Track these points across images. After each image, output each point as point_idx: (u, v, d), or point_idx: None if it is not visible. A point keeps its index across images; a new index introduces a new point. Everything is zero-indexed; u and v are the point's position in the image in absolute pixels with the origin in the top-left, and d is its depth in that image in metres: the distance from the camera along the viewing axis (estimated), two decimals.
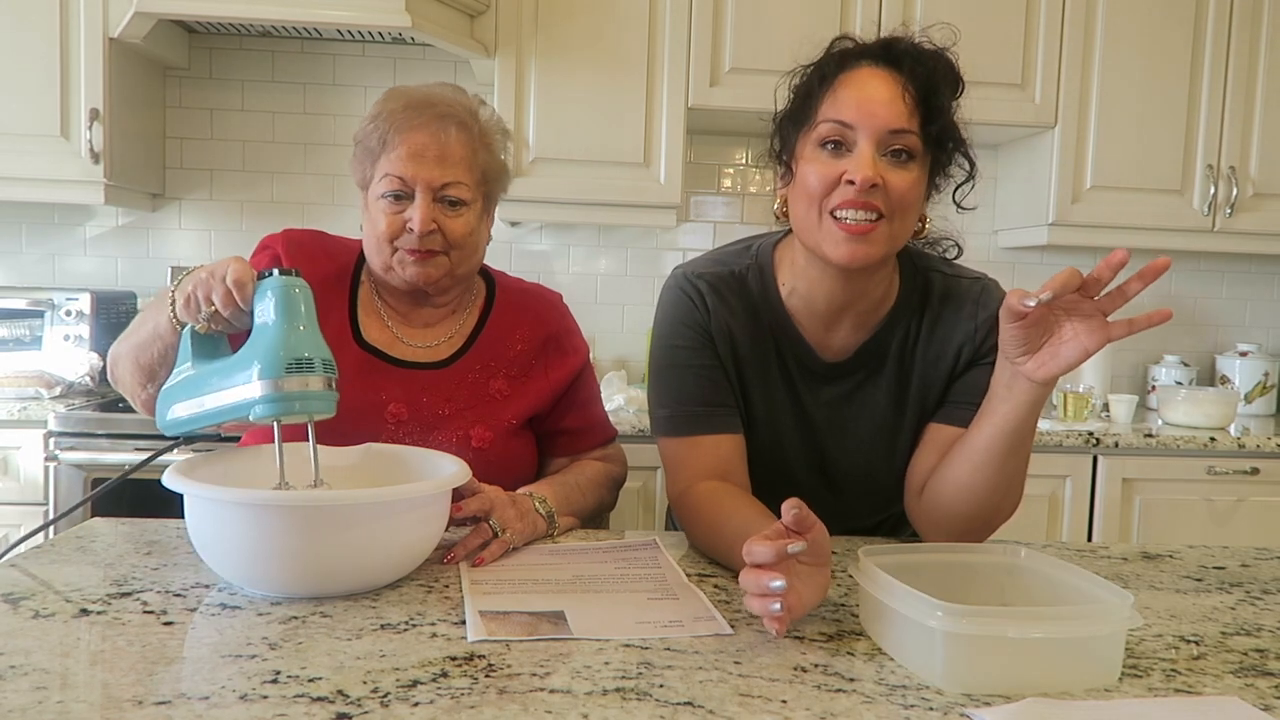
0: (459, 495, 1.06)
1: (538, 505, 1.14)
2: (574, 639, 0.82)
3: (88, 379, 2.43)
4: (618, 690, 0.72)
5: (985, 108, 2.47)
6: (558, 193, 2.52)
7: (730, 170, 2.94)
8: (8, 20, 2.36)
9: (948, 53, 1.08)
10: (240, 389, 0.94)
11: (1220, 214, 2.66)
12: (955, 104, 1.08)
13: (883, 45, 1.07)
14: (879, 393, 1.20)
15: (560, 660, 0.77)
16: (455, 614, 0.88)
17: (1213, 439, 2.42)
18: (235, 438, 1.38)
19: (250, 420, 0.94)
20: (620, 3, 2.49)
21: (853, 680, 0.75)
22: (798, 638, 0.84)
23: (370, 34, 2.59)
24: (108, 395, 2.41)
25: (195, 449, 1.85)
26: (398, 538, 0.92)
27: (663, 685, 0.73)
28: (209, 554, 0.93)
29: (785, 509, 0.82)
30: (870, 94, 1.03)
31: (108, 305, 2.59)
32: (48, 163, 2.39)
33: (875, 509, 1.30)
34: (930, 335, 1.18)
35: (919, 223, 1.12)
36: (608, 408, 1.52)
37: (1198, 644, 0.86)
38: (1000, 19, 2.57)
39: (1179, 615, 0.95)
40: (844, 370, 1.19)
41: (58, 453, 2.15)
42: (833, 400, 1.20)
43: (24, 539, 1.12)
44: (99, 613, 0.85)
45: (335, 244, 1.36)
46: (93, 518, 1.18)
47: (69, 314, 2.49)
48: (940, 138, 1.06)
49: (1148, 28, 2.60)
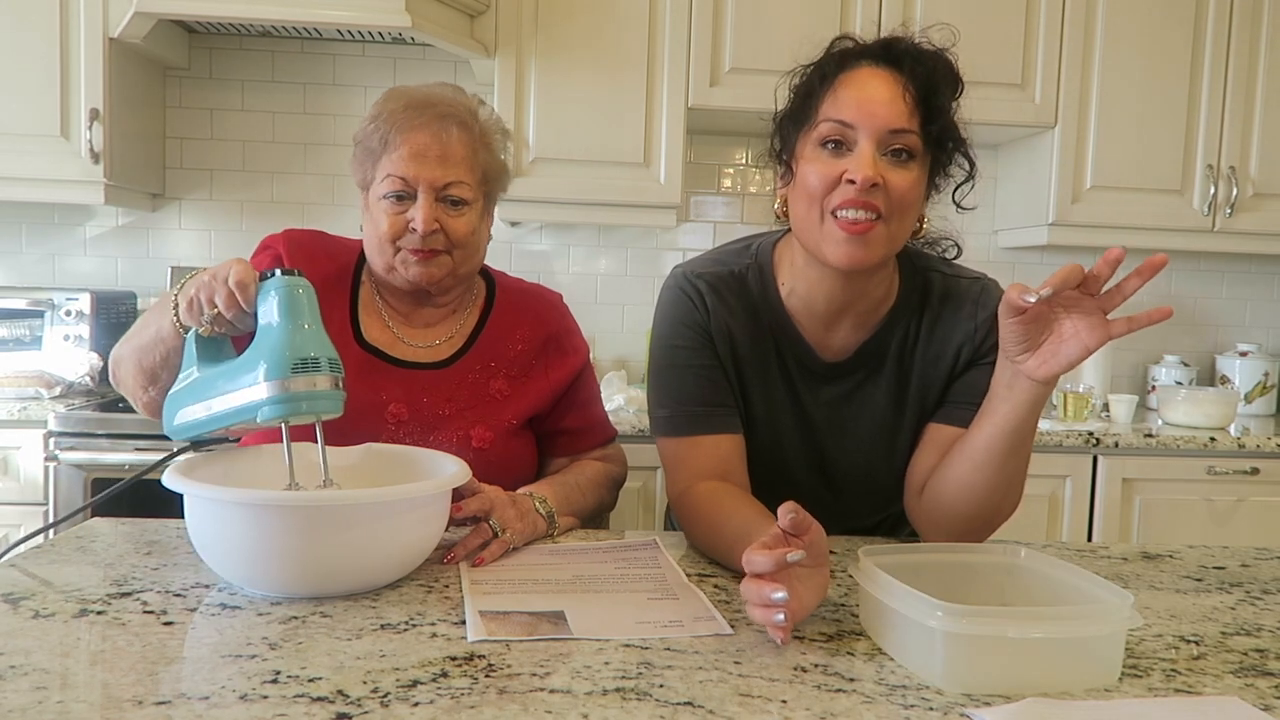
0: (459, 495, 1.06)
1: (538, 505, 1.14)
2: (574, 639, 0.82)
3: (88, 379, 2.43)
4: (618, 690, 0.72)
5: (985, 108, 2.47)
6: (558, 193, 2.52)
7: (730, 170, 2.94)
8: (8, 20, 2.36)
9: (947, 53, 1.08)
10: (247, 391, 0.93)
11: (1220, 214, 2.66)
12: (955, 104, 1.08)
13: (883, 45, 1.07)
14: (878, 393, 1.20)
15: (560, 660, 0.77)
16: (455, 614, 0.88)
17: (1213, 439, 2.42)
18: (238, 440, 1.38)
19: (258, 422, 0.93)
20: (620, 3, 2.49)
21: (853, 680, 0.75)
22: (798, 638, 0.84)
23: (370, 34, 2.59)
24: (108, 395, 2.41)
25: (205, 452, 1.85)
26: (398, 538, 0.92)
27: (663, 685, 0.73)
28: (209, 554, 0.93)
29: (782, 513, 0.82)
30: (871, 94, 1.03)
31: (108, 305, 2.59)
32: (48, 163, 2.39)
33: (874, 509, 1.30)
34: (930, 335, 1.18)
35: (918, 223, 1.12)
36: (608, 408, 1.52)
37: (1198, 644, 0.86)
38: (1000, 19, 2.57)
39: (1179, 615, 0.95)
40: (843, 370, 1.19)
41: (58, 453, 2.15)
42: (832, 400, 1.20)
43: (24, 539, 1.12)
44: (99, 613, 0.85)
45: (336, 244, 1.36)
46: (93, 518, 1.18)
47: (69, 314, 2.49)
48: (940, 138, 1.06)
49: (1148, 28, 2.60)
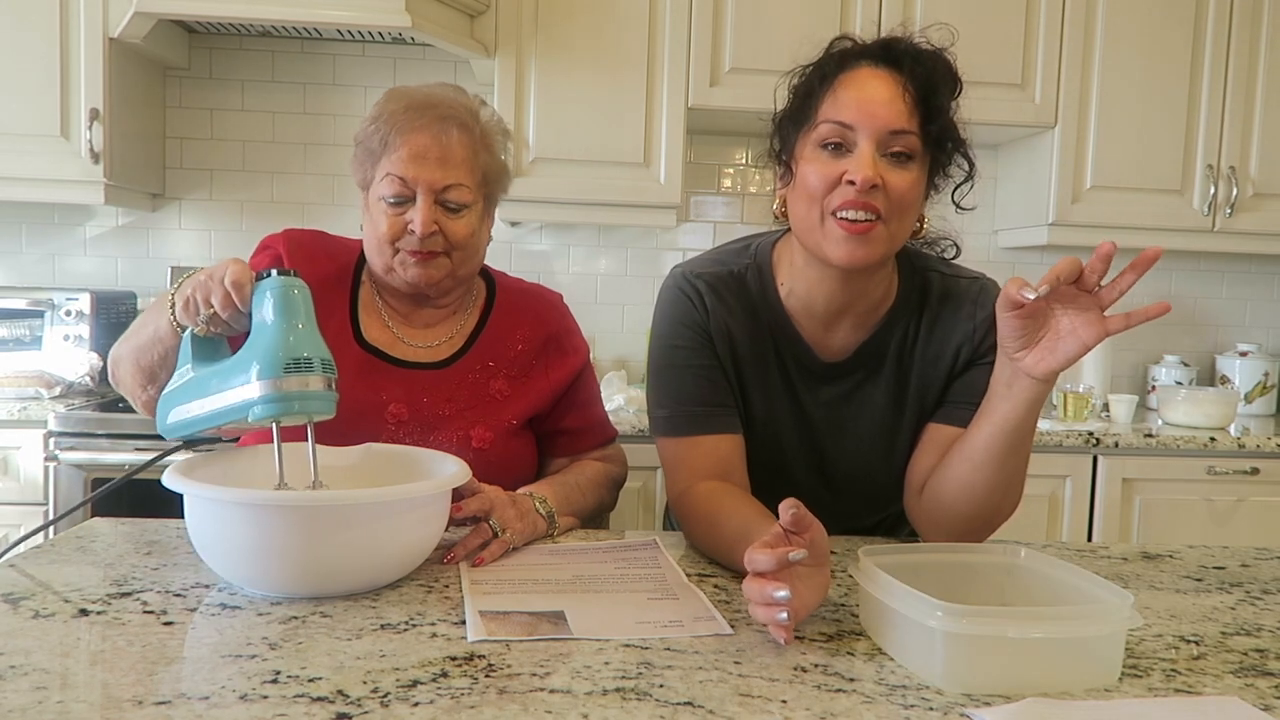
0: (459, 495, 1.06)
1: (538, 505, 1.14)
2: (574, 639, 0.82)
3: (88, 379, 2.43)
4: (618, 690, 0.72)
5: (985, 108, 2.46)
6: (558, 193, 2.52)
7: (730, 170, 2.94)
8: (8, 20, 2.36)
9: (945, 52, 1.08)
10: (239, 390, 0.93)
11: (1220, 214, 2.66)
12: (954, 104, 1.08)
13: (882, 45, 1.07)
14: (877, 393, 1.20)
15: (560, 660, 0.77)
16: (455, 614, 0.88)
17: (1213, 439, 2.42)
18: (236, 440, 1.38)
19: (250, 421, 0.93)
20: (620, 3, 2.49)
21: (853, 680, 0.75)
22: (798, 638, 0.84)
23: (370, 34, 2.59)
24: (108, 395, 2.41)
25: (198, 451, 1.85)
26: (398, 538, 0.92)
27: (663, 685, 0.73)
28: (209, 554, 0.93)
29: (783, 509, 0.82)
30: (870, 94, 1.03)
31: (108, 305, 2.59)
32: (48, 163, 2.39)
33: (873, 509, 1.30)
34: (929, 335, 1.18)
35: (917, 223, 1.12)
36: (608, 408, 1.52)
37: (1198, 644, 0.86)
38: (1000, 19, 2.57)
39: (1179, 615, 0.95)
40: (843, 370, 1.19)
41: (58, 453, 2.15)
42: (831, 400, 1.20)
43: (24, 539, 1.12)
44: (99, 613, 0.85)
45: (336, 244, 1.36)
46: (93, 518, 1.18)
47: (69, 314, 2.49)
48: (940, 138, 1.06)
49: (1148, 28, 2.60)
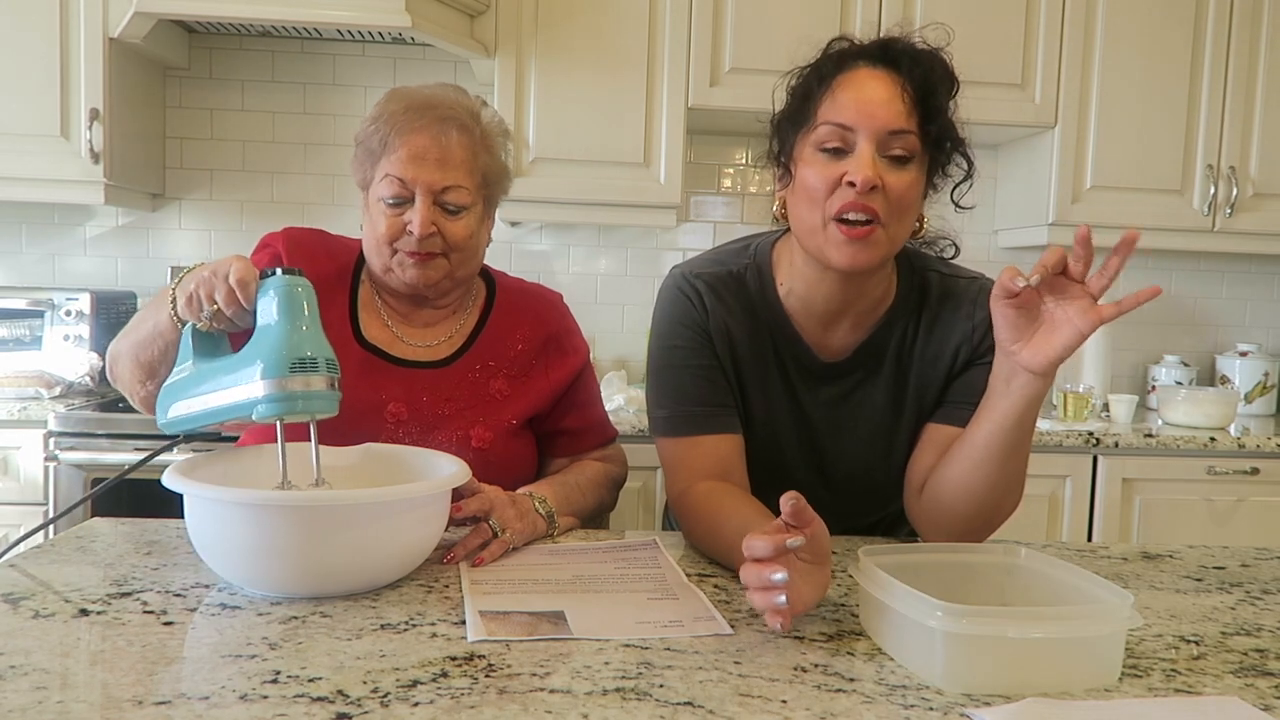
0: (459, 495, 1.06)
1: (538, 505, 1.14)
2: (574, 639, 0.82)
3: (88, 379, 2.43)
4: (618, 690, 0.72)
5: (985, 108, 2.47)
6: (558, 193, 2.52)
7: (730, 170, 2.94)
8: (8, 20, 2.36)
9: (942, 52, 1.08)
10: (243, 388, 0.94)
11: (1220, 214, 2.66)
12: (953, 103, 1.08)
13: (880, 46, 1.07)
14: (877, 393, 1.20)
15: (560, 660, 0.77)
16: (455, 614, 0.88)
17: (1213, 439, 2.42)
18: (235, 436, 1.38)
19: (253, 419, 0.94)
20: (620, 3, 2.49)
21: (853, 680, 0.75)
22: (798, 637, 0.84)
23: (370, 34, 2.59)
24: (108, 395, 2.41)
25: (194, 448, 1.86)
26: (398, 538, 0.92)
27: (663, 685, 0.73)
28: (209, 554, 0.93)
29: (784, 501, 0.82)
30: (869, 95, 1.03)
31: (108, 305, 2.59)
32: (48, 163, 2.39)
33: (873, 508, 1.30)
34: (928, 335, 1.18)
35: (917, 223, 1.12)
36: (608, 408, 1.52)
37: (1198, 644, 0.86)
38: (1000, 19, 2.56)
39: (1179, 615, 0.95)
40: (842, 370, 1.19)
41: (58, 453, 2.15)
42: (831, 400, 1.20)
43: (23, 538, 1.12)
44: (99, 613, 0.85)
45: (336, 243, 1.36)
46: (93, 518, 1.18)
47: (69, 314, 2.49)
48: (938, 137, 1.07)
49: (1148, 28, 2.60)
